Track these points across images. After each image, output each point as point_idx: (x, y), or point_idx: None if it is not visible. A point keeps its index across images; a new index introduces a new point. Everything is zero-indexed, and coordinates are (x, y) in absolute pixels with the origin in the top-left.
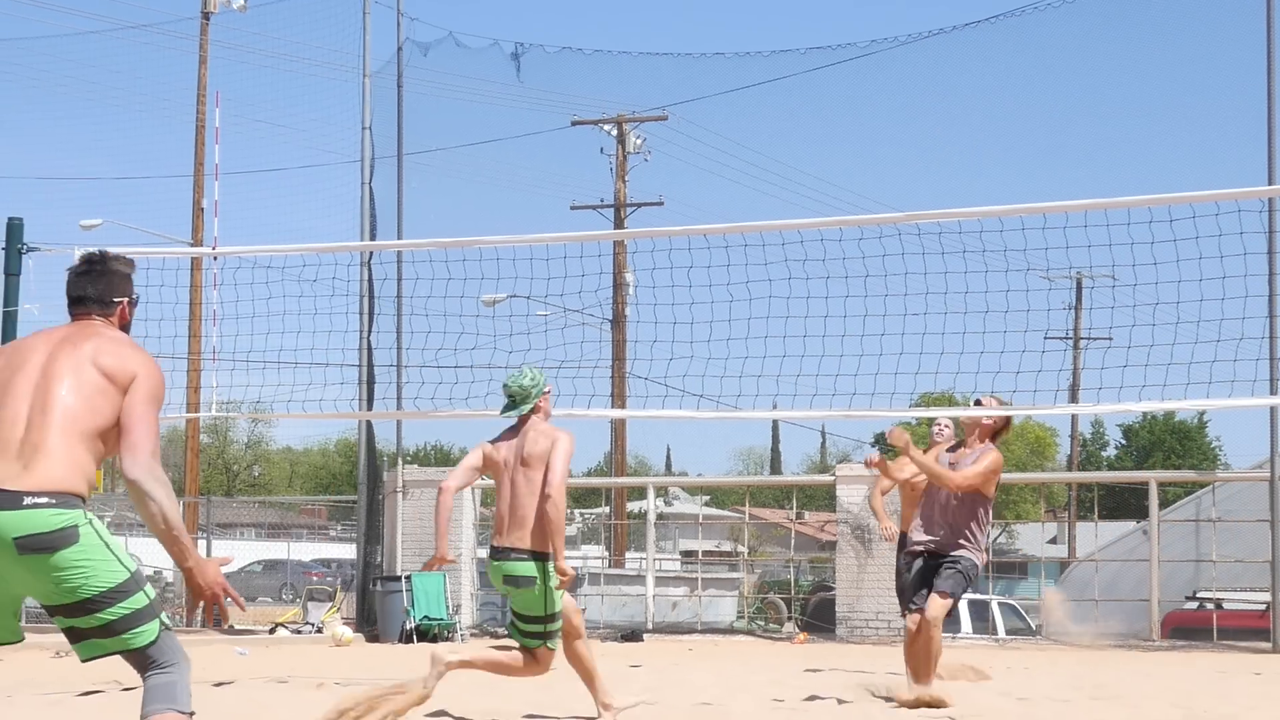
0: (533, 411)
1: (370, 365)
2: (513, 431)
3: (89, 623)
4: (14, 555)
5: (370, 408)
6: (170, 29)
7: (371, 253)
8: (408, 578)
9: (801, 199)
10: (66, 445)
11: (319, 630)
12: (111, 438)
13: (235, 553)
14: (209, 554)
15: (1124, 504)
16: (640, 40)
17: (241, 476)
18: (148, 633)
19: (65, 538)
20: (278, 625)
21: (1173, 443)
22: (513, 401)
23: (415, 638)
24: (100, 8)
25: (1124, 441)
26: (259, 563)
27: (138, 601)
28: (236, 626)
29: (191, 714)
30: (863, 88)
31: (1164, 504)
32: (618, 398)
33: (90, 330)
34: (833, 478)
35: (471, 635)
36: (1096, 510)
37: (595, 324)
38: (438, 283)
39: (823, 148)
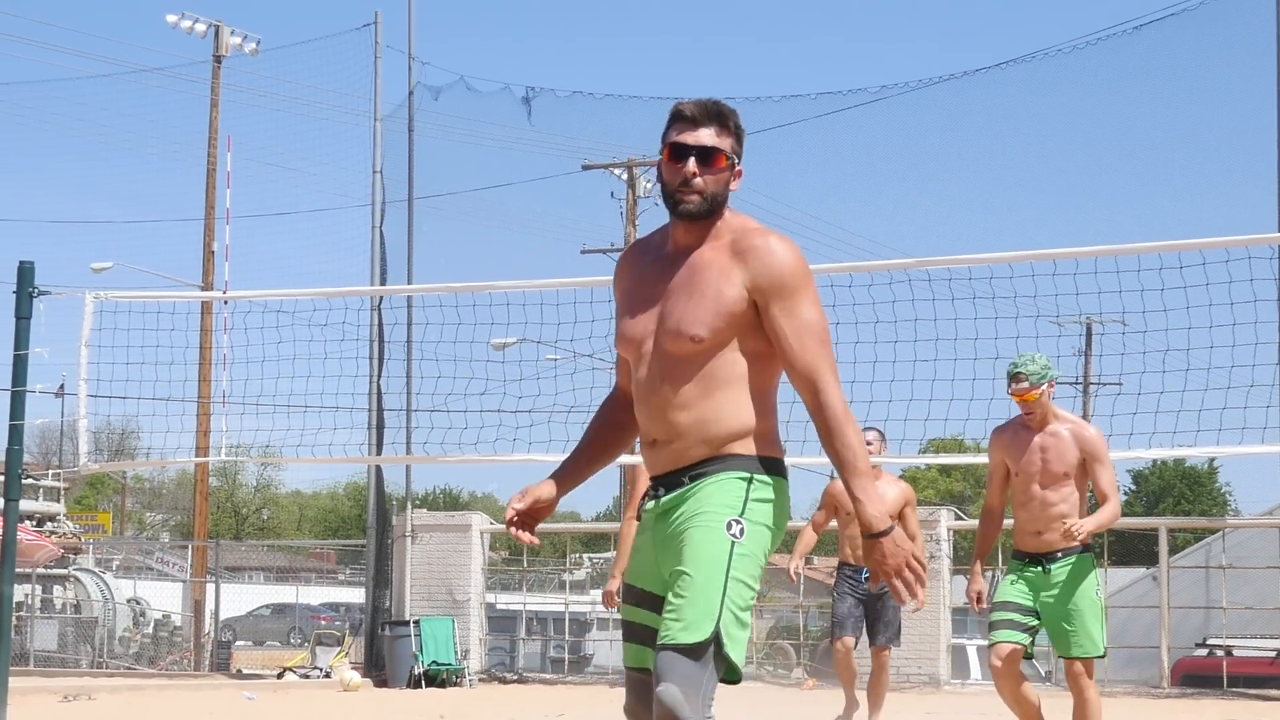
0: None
1: (380, 409)
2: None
3: None
4: None
5: (380, 452)
6: (182, 73)
7: (382, 297)
8: (416, 622)
9: (812, 243)
10: None
11: (327, 675)
12: None
13: (243, 597)
14: (217, 601)
15: (1134, 550)
16: (651, 85)
17: (250, 520)
18: None
19: None
20: (286, 670)
21: (1183, 489)
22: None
23: (424, 683)
24: (112, 52)
25: (1134, 487)
26: (267, 606)
27: None
28: (244, 671)
29: None
30: (873, 132)
31: (1173, 550)
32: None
33: None
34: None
35: (480, 681)
36: (1106, 556)
37: (606, 368)
38: (448, 327)
39: (834, 192)
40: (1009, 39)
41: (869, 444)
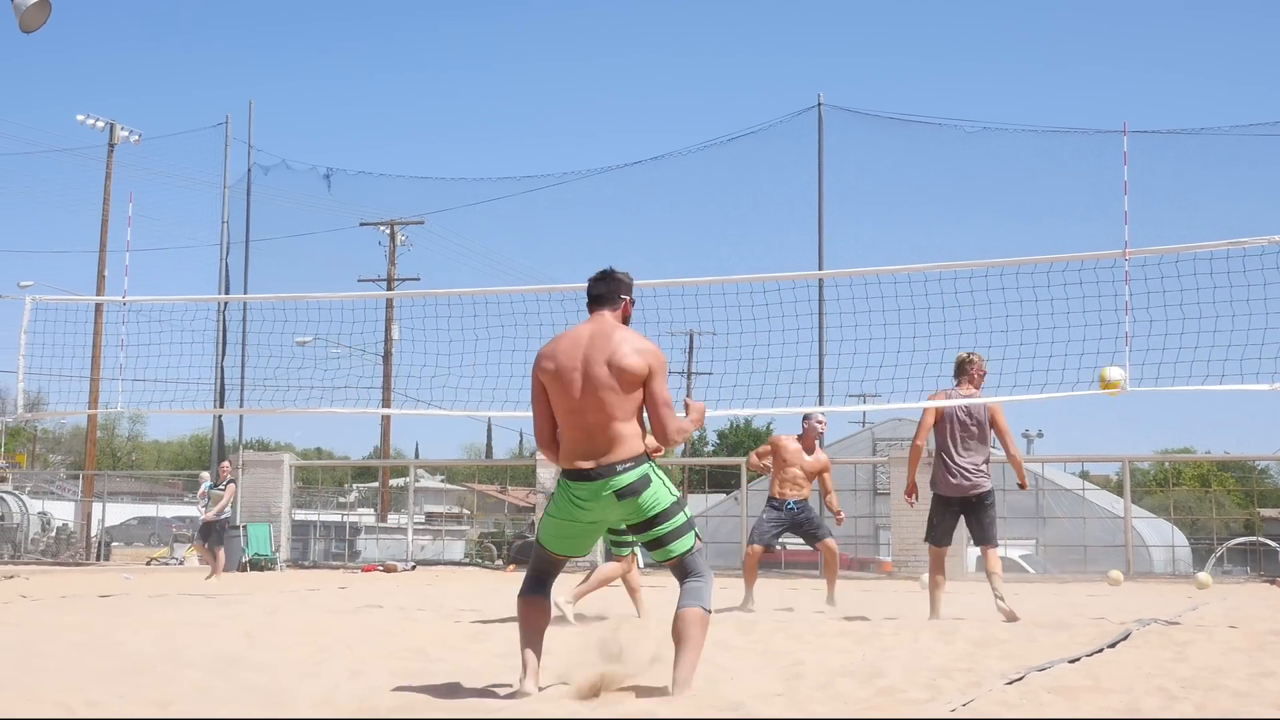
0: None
1: (222, 380)
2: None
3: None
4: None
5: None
6: (86, 154)
7: (226, 304)
8: (244, 527)
9: (519, 280)
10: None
11: (181, 563)
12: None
13: (118, 512)
14: (104, 514)
15: (721, 481)
16: (414, 165)
17: (123, 460)
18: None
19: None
20: (152, 560)
21: (750, 444)
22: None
23: (249, 568)
24: (32, 136)
25: (718, 440)
26: (135, 519)
27: (678, 520)
28: (124, 563)
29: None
30: (565, 203)
31: (748, 480)
32: (385, 405)
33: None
34: (534, 461)
35: (287, 566)
36: (706, 483)
37: (372, 360)
38: (270, 333)
39: (535, 245)
40: (645, 141)
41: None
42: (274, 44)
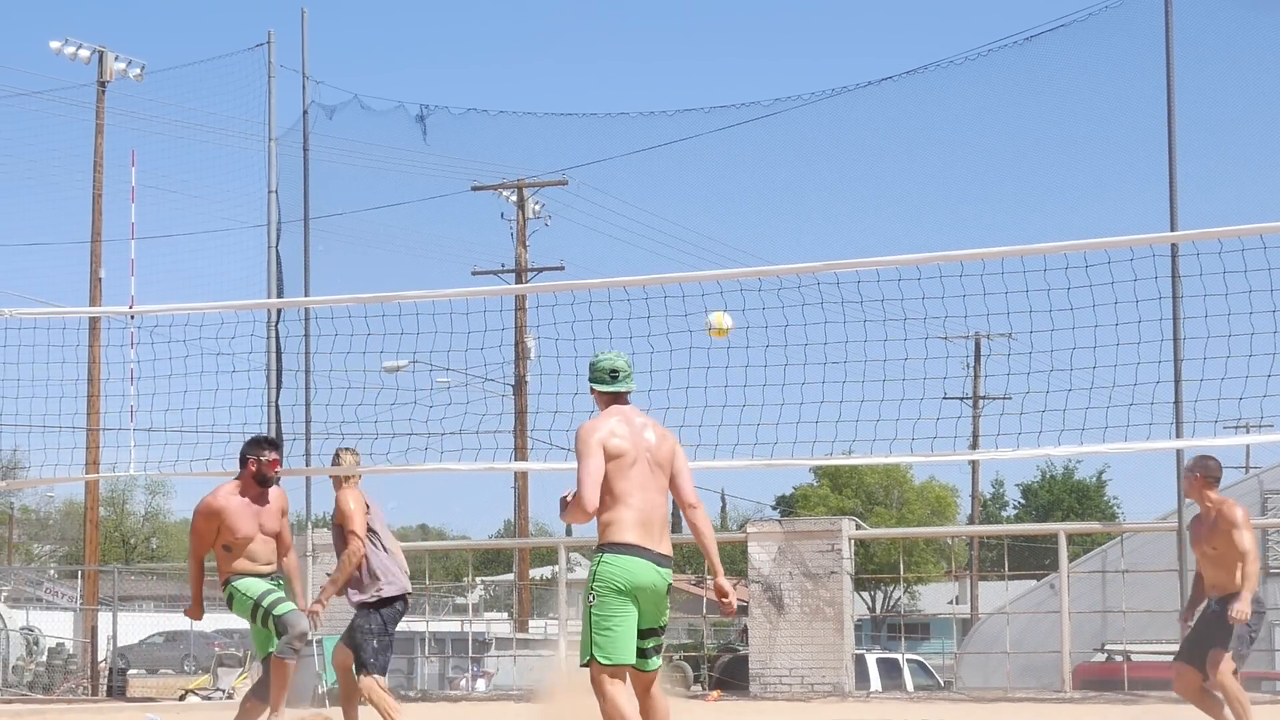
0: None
1: (278, 426)
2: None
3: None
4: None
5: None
6: (65, 97)
7: (279, 313)
8: (319, 642)
9: (702, 263)
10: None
11: (229, 696)
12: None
13: (135, 626)
14: (114, 628)
15: (1025, 562)
16: (545, 101)
17: (139, 549)
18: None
19: None
20: (188, 692)
21: (1071, 502)
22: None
23: (327, 702)
24: None
25: (1023, 501)
26: (160, 634)
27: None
28: (144, 698)
29: None
30: (768, 147)
31: (1068, 559)
32: (520, 456)
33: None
34: (744, 534)
35: None
36: (1007, 563)
37: (498, 390)
38: (342, 350)
39: (726, 210)
40: (899, 52)
41: None
42: None
